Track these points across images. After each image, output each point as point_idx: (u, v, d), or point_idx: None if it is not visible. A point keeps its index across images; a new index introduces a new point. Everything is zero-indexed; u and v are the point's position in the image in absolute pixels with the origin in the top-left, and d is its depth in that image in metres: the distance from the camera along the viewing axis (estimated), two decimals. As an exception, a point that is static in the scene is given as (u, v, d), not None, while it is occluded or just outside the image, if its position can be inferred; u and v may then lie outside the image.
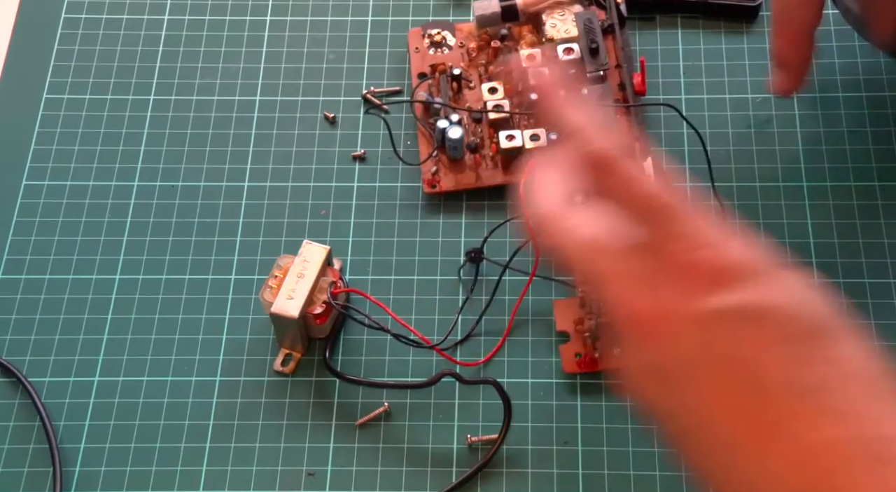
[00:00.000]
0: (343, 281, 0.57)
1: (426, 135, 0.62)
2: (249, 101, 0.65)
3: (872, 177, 0.61)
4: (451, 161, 0.62)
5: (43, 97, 0.66)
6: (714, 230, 0.40)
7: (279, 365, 0.57)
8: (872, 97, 0.64)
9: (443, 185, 0.61)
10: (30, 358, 0.58)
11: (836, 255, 0.59)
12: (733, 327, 0.38)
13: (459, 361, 0.57)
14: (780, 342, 0.38)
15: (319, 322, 0.55)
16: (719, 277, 0.39)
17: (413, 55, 0.65)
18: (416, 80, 0.64)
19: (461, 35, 0.66)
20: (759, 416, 0.38)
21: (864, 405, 0.37)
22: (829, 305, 0.40)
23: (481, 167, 0.61)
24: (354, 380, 0.56)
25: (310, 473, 0.55)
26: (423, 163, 0.62)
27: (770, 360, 0.38)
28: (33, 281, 0.60)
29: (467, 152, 0.61)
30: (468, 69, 0.64)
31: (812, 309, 0.39)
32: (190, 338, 0.58)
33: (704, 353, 0.39)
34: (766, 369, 0.38)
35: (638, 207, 0.41)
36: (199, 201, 0.62)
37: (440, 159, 0.62)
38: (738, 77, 0.65)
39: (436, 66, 0.64)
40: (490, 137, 0.62)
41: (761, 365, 0.38)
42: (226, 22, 0.68)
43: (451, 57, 0.65)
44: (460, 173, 0.61)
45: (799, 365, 0.38)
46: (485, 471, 0.54)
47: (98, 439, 0.56)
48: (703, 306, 0.39)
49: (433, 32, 0.65)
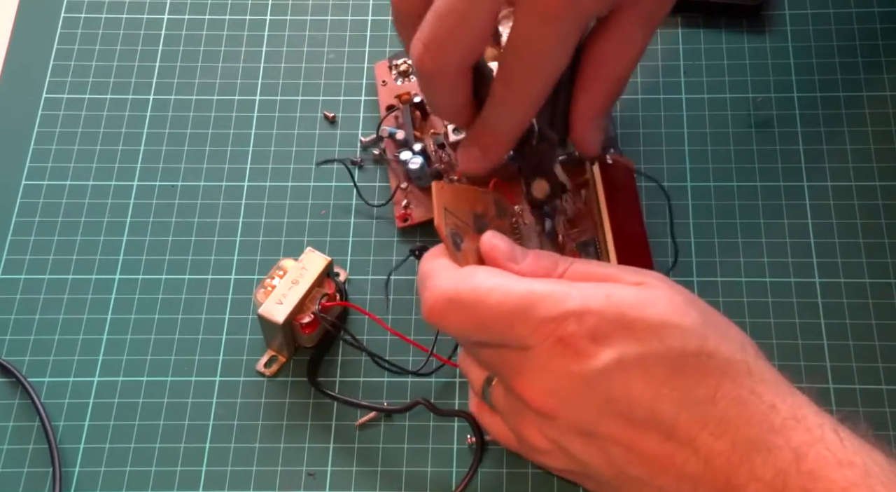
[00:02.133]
0: (343, 293, 0.57)
1: (394, 169, 0.61)
2: (249, 101, 0.65)
3: (873, 177, 0.61)
4: (421, 191, 0.61)
5: (42, 97, 0.66)
6: (566, 297, 0.42)
7: (262, 366, 0.57)
8: (872, 97, 0.64)
9: (414, 217, 0.60)
10: (29, 358, 0.58)
11: (836, 255, 0.59)
12: (618, 383, 0.41)
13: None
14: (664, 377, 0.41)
15: (307, 331, 0.55)
16: (592, 339, 0.41)
17: (381, 89, 0.64)
18: (385, 113, 0.63)
19: None
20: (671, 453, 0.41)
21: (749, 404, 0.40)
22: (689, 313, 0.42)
23: None
24: (330, 395, 0.56)
25: (310, 473, 0.55)
26: (391, 200, 0.60)
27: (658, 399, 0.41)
28: (33, 281, 0.60)
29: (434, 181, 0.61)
30: None
31: (674, 334, 0.41)
32: (190, 338, 0.58)
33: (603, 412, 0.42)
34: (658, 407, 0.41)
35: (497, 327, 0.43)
36: (199, 201, 0.62)
37: (411, 191, 0.61)
38: (738, 77, 0.65)
39: (401, 96, 0.63)
40: (456, 160, 0.60)
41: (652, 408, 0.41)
42: (226, 22, 0.68)
43: (416, 86, 0.63)
44: (429, 202, 0.59)
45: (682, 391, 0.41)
46: (485, 471, 0.54)
47: (98, 439, 0.56)
48: (586, 374, 0.41)
49: (398, 62, 0.64)
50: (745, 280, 0.58)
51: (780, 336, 0.57)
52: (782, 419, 0.40)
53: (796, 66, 0.65)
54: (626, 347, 0.41)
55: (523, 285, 0.43)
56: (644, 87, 0.65)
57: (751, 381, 0.41)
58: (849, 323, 0.57)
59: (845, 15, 0.66)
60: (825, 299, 0.58)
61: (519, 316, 0.42)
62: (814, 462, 0.39)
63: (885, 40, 0.65)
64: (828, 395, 0.55)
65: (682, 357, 0.41)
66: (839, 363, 0.56)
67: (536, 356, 0.42)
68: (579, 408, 0.42)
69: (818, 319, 0.57)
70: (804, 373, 0.55)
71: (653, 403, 0.41)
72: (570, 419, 0.42)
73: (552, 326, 0.42)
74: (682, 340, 0.41)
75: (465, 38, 0.44)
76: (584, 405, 0.42)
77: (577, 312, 0.41)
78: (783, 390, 0.41)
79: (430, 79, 0.45)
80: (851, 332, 0.57)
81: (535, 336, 0.42)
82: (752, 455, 0.39)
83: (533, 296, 0.42)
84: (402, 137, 0.61)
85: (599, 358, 0.41)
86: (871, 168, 0.61)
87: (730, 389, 0.40)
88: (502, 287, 0.43)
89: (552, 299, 0.42)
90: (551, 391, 0.42)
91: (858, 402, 0.55)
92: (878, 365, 0.56)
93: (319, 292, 0.55)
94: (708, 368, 0.41)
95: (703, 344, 0.41)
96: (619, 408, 0.41)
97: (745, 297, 0.58)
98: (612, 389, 0.41)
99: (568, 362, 0.41)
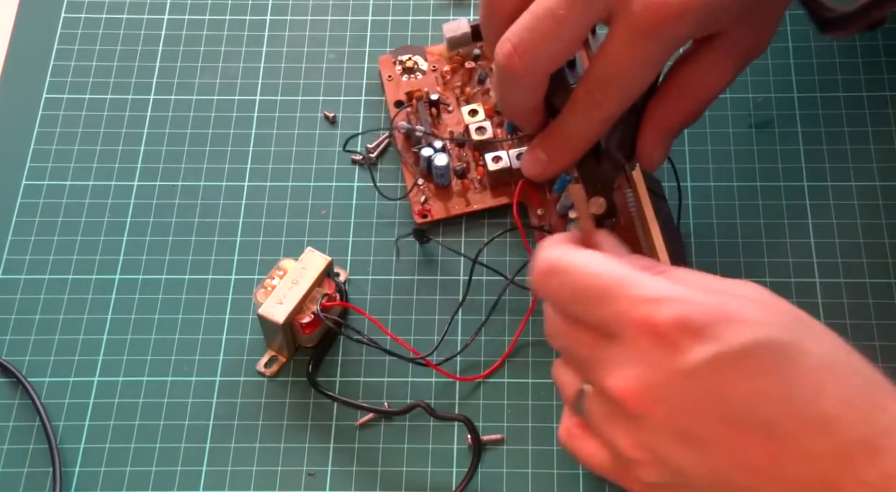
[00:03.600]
0: (343, 294, 0.57)
1: (409, 164, 0.62)
2: (249, 101, 0.65)
3: (873, 177, 0.61)
4: (438, 188, 0.61)
5: (43, 97, 0.66)
6: (663, 285, 0.41)
7: (262, 366, 0.57)
8: (872, 97, 0.64)
9: (434, 213, 0.60)
10: (30, 358, 0.58)
11: (836, 255, 0.59)
12: (716, 379, 0.39)
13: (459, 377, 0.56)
14: (763, 374, 0.39)
15: (307, 331, 0.55)
16: (687, 332, 0.40)
17: (387, 84, 0.64)
18: (394, 109, 0.63)
19: (433, 58, 0.65)
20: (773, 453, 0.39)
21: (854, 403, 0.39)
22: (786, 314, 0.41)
23: (470, 191, 0.61)
24: (329, 395, 0.56)
25: (310, 473, 0.55)
26: (409, 194, 0.61)
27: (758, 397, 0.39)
28: (33, 281, 0.60)
29: (454, 178, 0.61)
30: (444, 93, 0.63)
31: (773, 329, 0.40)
32: (190, 338, 0.58)
33: (701, 410, 0.40)
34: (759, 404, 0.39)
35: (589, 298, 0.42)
36: (199, 201, 0.62)
37: (427, 187, 0.61)
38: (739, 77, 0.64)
39: (412, 93, 0.63)
40: (475, 159, 0.61)
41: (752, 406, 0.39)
42: (226, 22, 0.68)
43: (425, 82, 0.64)
44: (449, 200, 0.60)
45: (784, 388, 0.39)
46: (485, 471, 0.54)
47: (98, 439, 0.56)
48: (681, 369, 0.40)
49: (404, 58, 0.64)
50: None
51: (780, 336, 0.57)
52: (892, 419, 0.38)
53: (796, 66, 0.65)
54: (724, 341, 0.39)
55: (624, 267, 0.42)
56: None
57: (858, 380, 0.39)
58: (849, 323, 0.57)
59: (845, 15, 0.66)
60: (825, 299, 0.58)
61: (613, 292, 0.41)
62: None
63: (884, 40, 0.65)
64: (828, 395, 0.55)
65: (782, 354, 0.39)
66: (839, 363, 0.56)
67: (629, 346, 0.40)
68: (675, 406, 0.40)
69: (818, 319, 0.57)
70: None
71: (753, 401, 0.39)
72: (664, 420, 0.40)
73: (647, 309, 0.40)
74: (782, 337, 0.40)
75: (558, 44, 0.44)
76: (680, 403, 0.40)
77: (674, 299, 0.40)
78: (890, 390, 0.40)
79: (514, 79, 0.45)
80: (851, 332, 0.57)
81: (628, 318, 0.40)
82: (858, 458, 0.38)
83: (632, 276, 0.41)
84: (421, 133, 0.61)
85: (696, 352, 0.39)
86: (870, 168, 0.62)
87: (835, 387, 0.39)
88: (603, 263, 0.42)
89: (650, 282, 0.41)
90: (644, 387, 0.40)
91: (858, 402, 0.55)
92: (878, 365, 0.56)
93: (319, 292, 0.55)
94: (810, 365, 0.39)
95: (802, 342, 0.40)
96: (718, 407, 0.39)
97: (746, 297, 0.58)
98: (709, 386, 0.39)
99: (662, 355, 0.40)
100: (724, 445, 0.40)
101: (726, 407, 0.39)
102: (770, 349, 0.39)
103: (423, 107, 0.62)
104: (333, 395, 0.56)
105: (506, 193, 0.60)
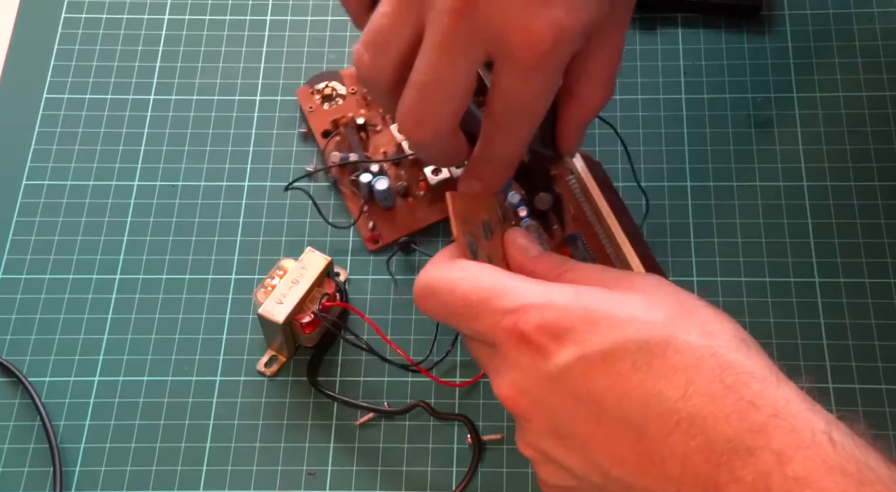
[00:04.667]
0: (343, 294, 0.57)
1: (350, 192, 0.61)
2: (250, 101, 0.65)
3: (872, 177, 0.61)
4: (385, 210, 0.60)
5: (43, 97, 0.66)
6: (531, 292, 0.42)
7: (262, 366, 0.57)
8: (872, 97, 0.64)
9: (384, 238, 0.60)
10: (30, 358, 0.58)
11: (836, 255, 0.59)
12: (582, 381, 0.40)
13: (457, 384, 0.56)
14: (628, 374, 0.40)
15: (307, 331, 0.55)
16: (551, 336, 0.41)
17: (309, 116, 0.63)
18: (322, 140, 0.62)
19: (350, 82, 0.64)
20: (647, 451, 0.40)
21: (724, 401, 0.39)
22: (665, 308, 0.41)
23: (416, 209, 0.60)
24: (330, 395, 0.56)
25: (310, 473, 0.55)
26: (356, 222, 0.60)
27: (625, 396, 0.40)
28: (33, 281, 0.60)
29: (398, 198, 0.60)
30: (368, 114, 0.62)
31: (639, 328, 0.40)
32: (190, 338, 0.58)
33: (573, 411, 0.41)
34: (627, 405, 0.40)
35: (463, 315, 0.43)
36: (200, 201, 0.62)
37: (372, 212, 0.60)
38: (738, 77, 0.65)
39: (338, 120, 0.62)
40: (415, 176, 0.60)
41: (621, 405, 0.40)
42: (226, 22, 0.68)
43: (347, 106, 0.63)
44: (397, 220, 0.60)
45: (649, 387, 0.39)
46: (485, 471, 0.54)
47: (98, 438, 0.56)
48: (548, 373, 0.41)
49: (320, 87, 0.64)
50: (745, 280, 0.58)
51: (780, 336, 0.57)
52: (764, 418, 0.38)
53: (796, 66, 0.65)
54: (588, 342, 0.40)
55: (492, 277, 0.43)
56: (644, 88, 0.65)
57: (729, 376, 0.39)
58: (848, 323, 0.57)
59: (845, 15, 0.66)
60: (825, 299, 0.58)
61: (483, 306, 0.42)
62: (801, 466, 0.37)
63: (884, 40, 0.65)
64: (828, 395, 0.55)
65: (647, 352, 0.40)
66: (839, 363, 0.56)
67: (504, 354, 0.42)
68: (549, 408, 0.41)
69: (818, 318, 0.57)
70: (804, 373, 0.55)
71: (620, 401, 0.40)
72: (543, 421, 0.42)
73: (513, 318, 0.41)
74: (648, 334, 0.40)
75: (452, 104, 0.44)
76: (553, 405, 0.41)
77: (537, 306, 0.41)
78: (770, 387, 0.39)
79: (428, 145, 0.46)
80: (851, 332, 0.57)
81: (499, 329, 0.42)
82: (730, 455, 0.38)
83: (497, 288, 0.42)
84: (355, 159, 0.60)
85: (561, 355, 0.40)
86: (870, 168, 0.62)
87: (703, 384, 0.39)
88: (472, 278, 0.43)
89: (515, 292, 0.42)
90: (520, 392, 0.42)
91: (858, 402, 0.55)
92: (878, 365, 0.56)
93: (320, 292, 0.55)
94: (676, 363, 0.39)
95: (671, 338, 0.40)
96: (589, 407, 0.40)
97: (745, 297, 0.58)
98: (577, 387, 0.40)
99: (532, 360, 0.41)
100: (601, 444, 0.40)
101: (596, 407, 0.40)
102: (633, 349, 0.40)
103: (351, 133, 0.61)
104: (334, 395, 0.56)
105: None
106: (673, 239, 0.60)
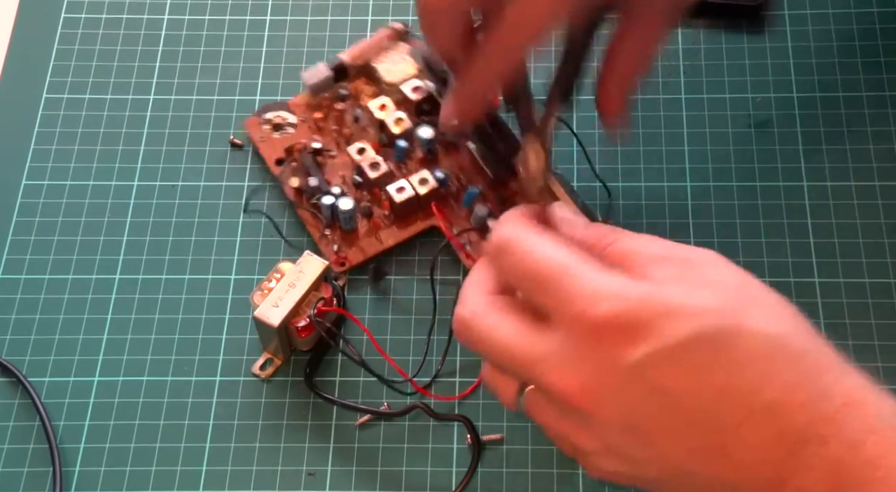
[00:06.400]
0: (340, 299, 0.57)
1: (310, 216, 0.60)
2: (249, 101, 0.65)
3: (872, 177, 0.61)
4: (346, 233, 0.59)
5: (43, 97, 0.66)
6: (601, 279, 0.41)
7: (257, 368, 0.57)
8: (872, 97, 0.64)
9: (350, 259, 0.59)
10: (30, 358, 0.58)
11: (836, 255, 0.59)
12: (657, 375, 0.40)
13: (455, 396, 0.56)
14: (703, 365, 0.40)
15: (303, 335, 0.55)
16: (625, 329, 0.40)
17: (261, 146, 0.62)
18: (276, 168, 0.61)
19: (299, 110, 0.63)
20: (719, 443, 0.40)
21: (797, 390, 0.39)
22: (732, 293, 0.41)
23: (381, 229, 0.59)
24: (328, 398, 0.56)
25: (310, 473, 0.55)
26: (319, 243, 0.59)
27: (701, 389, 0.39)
28: (33, 281, 0.60)
29: (361, 219, 0.59)
30: (323, 139, 0.62)
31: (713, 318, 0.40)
32: (190, 338, 0.58)
33: (645, 405, 0.40)
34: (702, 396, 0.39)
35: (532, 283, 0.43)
36: (199, 201, 0.62)
37: (333, 235, 0.59)
38: (738, 77, 0.65)
39: (292, 147, 0.61)
40: (377, 196, 0.60)
41: (696, 397, 0.40)
42: (226, 22, 0.68)
43: (300, 134, 0.62)
44: (361, 242, 0.59)
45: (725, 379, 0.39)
46: (484, 471, 0.54)
47: (98, 439, 0.56)
48: (622, 366, 0.40)
49: (270, 117, 0.63)
50: (745, 280, 0.58)
51: (780, 336, 0.57)
52: (836, 406, 0.38)
53: (796, 66, 0.65)
54: (661, 337, 0.39)
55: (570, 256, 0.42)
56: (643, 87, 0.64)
57: (802, 366, 0.39)
58: (849, 323, 0.57)
59: (845, 15, 0.66)
60: (825, 299, 0.58)
61: (555, 282, 0.41)
62: (872, 449, 0.37)
63: (884, 40, 0.65)
64: (827, 395, 0.55)
65: (722, 343, 0.39)
66: (839, 363, 0.56)
67: (568, 343, 0.41)
68: (620, 403, 0.40)
69: (818, 319, 0.57)
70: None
71: (695, 393, 0.39)
72: (612, 415, 0.41)
73: (581, 304, 0.40)
74: (721, 324, 0.40)
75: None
76: (625, 400, 0.40)
77: (609, 294, 0.40)
78: (840, 375, 0.40)
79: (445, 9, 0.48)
80: (851, 332, 0.57)
81: (566, 312, 0.41)
82: (802, 444, 0.38)
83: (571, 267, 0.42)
84: (315, 184, 0.59)
85: (635, 349, 0.39)
86: (870, 168, 0.62)
87: (777, 374, 0.39)
88: (550, 251, 0.42)
89: (587, 275, 0.41)
90: (588, 386, 0.41)
91: (858, 402, 0.55)
92: (878, 365, 0.56)
93: (316, 296, 0.55)
94: (752, 352, 0.39)
95: (744, 327, 0.40)
96: (662, 401, 0.40)
97: (745, 297, 0.58)
98: (651, 381, 0.40)
99: (604, 352, 0.40)
100: (672, 436, 0.40)
101: (670, 401, 0.40)
102: (709, 340, 0.39)
103: (308, 158, 0.61)
104: (332, 397, 0.56)
105: (415, 222, 0.59)
106: (673, 239, 0.60)
